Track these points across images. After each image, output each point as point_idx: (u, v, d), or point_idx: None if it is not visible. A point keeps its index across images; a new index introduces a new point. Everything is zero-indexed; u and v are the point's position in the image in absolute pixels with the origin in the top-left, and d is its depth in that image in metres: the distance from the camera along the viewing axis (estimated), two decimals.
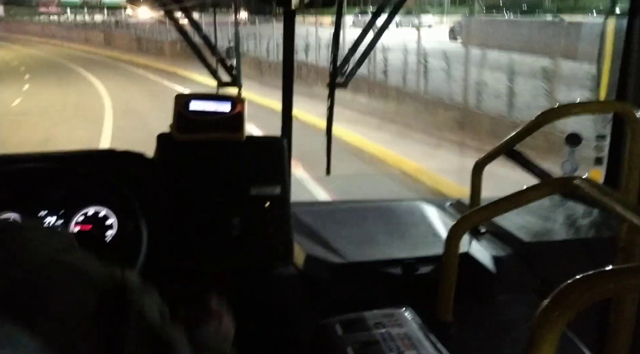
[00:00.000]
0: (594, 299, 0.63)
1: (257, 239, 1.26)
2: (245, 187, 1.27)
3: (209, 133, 1.24)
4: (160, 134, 1.26)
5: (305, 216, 1.50)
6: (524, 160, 1.35)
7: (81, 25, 32.88)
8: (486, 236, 1.47)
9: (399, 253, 1.32)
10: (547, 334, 0.64)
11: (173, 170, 1.25)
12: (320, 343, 1.05)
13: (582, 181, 0.98)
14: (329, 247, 1.34)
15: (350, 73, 1.78)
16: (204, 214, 1.24)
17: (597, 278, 0.64)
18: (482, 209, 1.16)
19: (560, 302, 0.64)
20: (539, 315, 0.64)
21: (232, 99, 1.27)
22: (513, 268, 1.34)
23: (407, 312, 1.11)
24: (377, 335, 1.02)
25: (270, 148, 1.31)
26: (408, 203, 1.63)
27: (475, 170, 1.47)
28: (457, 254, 1.12)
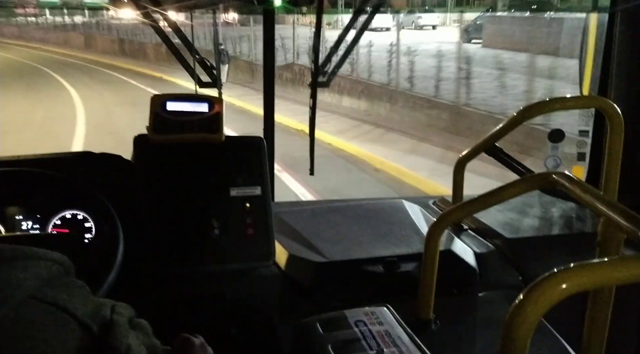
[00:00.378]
0: (567, 293, 0.63)
1: (238, 240, 1.25)
2: (225, 189, 1.26)
3: (187, 134, 1.23)
4: (137, 136, 1.25)
5: (288, 216, 1.50)
6: (504, 156, 1.35)
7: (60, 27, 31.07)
8: (469, 233, 1.47)
9: (381, 251, 1.31)
10: (521, 328, 0.64)
11: (151, 172, 1.23)
12: (300, 343, 1.04)
13: (560, 176, 0.98)
14: (311, 247, 1.34)
15: (332, 72, 1.78)
16: (184, 216, 1.23)
17: (570, 273, 0.64)
18: (462, 206, 1.16)
19: (534, 296, 0.64)
20: (513, 310, 0.64)
21: (209, 99, 1.26)
22: (495, 264, 1.34)
23: (387, 310, 1.11)
24: (358, 333, 1.02)
25: (249, 148, 1.30)
26: (391, 201, 1.63)
27: (457, 167, 1.47)
28: (437, 251, 1.12)
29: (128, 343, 0.55)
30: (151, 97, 1.24)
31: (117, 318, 0.56)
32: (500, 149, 1.37)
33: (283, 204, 1.71)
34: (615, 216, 0.81)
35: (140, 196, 1.22)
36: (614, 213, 0.82)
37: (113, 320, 0.55)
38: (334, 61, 1.79)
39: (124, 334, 0.55)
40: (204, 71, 1.66)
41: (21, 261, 0.53)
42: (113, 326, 0.54)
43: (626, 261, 0.66)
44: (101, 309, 0.55)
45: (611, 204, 0.84)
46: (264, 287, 1.25)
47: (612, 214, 0.82)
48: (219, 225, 1.24)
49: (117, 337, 0.54)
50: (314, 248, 1.33)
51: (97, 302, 0.56)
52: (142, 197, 1.22)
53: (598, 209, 0.85)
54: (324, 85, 1.78)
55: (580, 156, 1.83)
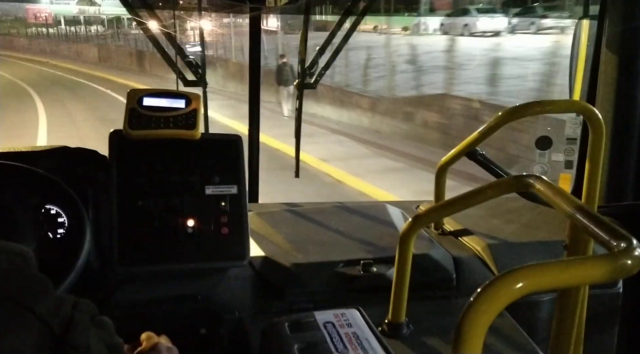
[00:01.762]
0: (524, 292, 0.61)
1: (211, 239, 1.23)
2: (200, 186, 1.25)
3: (163, 130, 1.22)
4: (113, 131, 1.24)
5: (267, 217, 1.49)
6: (484, 160, 1.34)
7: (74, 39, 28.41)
8: (449, 238, 1.45)
9: (357, 254, 1.30)
10: (474, 328, 0.62)
11: (126, 168, 1.22)
12: (267, 343, 1.02)
13: (531, 178, 0.96)
14: (287, 248, 1.32)
15: (319, 74, 1.77)
16: (157, 213, 1.22)
17: (527, 271, 0.63)
18: (435, 208, 1.14)
19: (489, 294, 0.62)
20: (466, 308, 0.62)
21: (186, 96, 1.25)
22: (474, 269, 1.32)
23: (358, 312, 1.09)
24: (325, 335, 1.00)
25: (226, 147, 1.29)
26: (372, 205, 1.61)
27: (438, 172, 1.46)
28: (410, 253, 1.10)
29: (88, 342, 0.54)
30: (128, 92, 1.24)
31: (78, 315, 0.55)
32: (481, 154, 1.36)
33: (264, 205, 1.69)
34: (582, 218, 0.79)
35: (114, 192, 1.21)
36: (581, 216, 0.80)
37: (74, 318, 0.54)
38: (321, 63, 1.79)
39: (84, 332, 0.54)
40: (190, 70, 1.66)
41: None
42: (73, 324, 0.53)
43: (586, 261, 0.65)
44: (62, 306, 0.54)
45: (579, 207, 0.82)
46: (236, 287, 1.24)
47: (579, 217, 0.80)
48: (193, 224, 1.23)
49: (77, 336, 0.53)
50: (290, 249, 1.31)
51: (58, 298, 0.54)
52: (116, 193, 1.21)
53: (566, 211, 0.83)
54: (311, 87, 1.78)
55: (567, 164, 1.82)
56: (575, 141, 1.77)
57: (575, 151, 1.76)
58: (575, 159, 1.74)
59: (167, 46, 1.55)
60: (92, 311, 0.57)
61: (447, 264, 1.30)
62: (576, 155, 1.76)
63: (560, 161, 1.82)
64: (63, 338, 0.51)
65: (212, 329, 1.17)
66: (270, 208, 1.65)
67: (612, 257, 0.63)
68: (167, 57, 1.60)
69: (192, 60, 1.63)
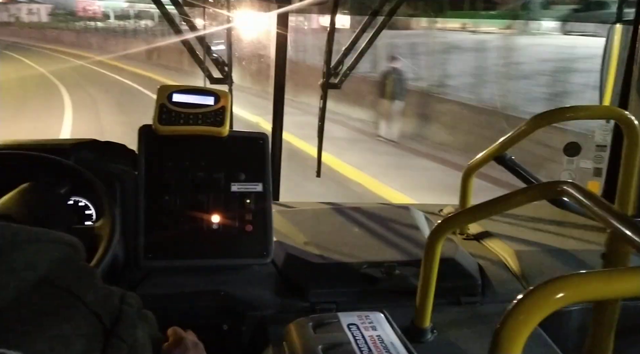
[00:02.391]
0: (565, 302, 0.60)
1: (236, 236, 1.23)
2: (226, 183, 1.25)
3: (191, 126, 1.22)
4: (142, 126, 1.25)
5: (290, 215, 1.48)
6: (513, 165, 1.31)
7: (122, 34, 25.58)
8: (475, 243, 1.43)
9: (381, 256, 1.28)
10: (513, 337, 0.61)
11: (154, 163, 1.23)
12: (291, 342, 1.01)
13: (567, 185, 0.94)
14: (310, 247, 1.32)
15: (345, 74, 1.76)
16: (183, 209, 1.22)
17: (569, 281, 0.61)
18: (464, 212, 1.12)
19: (529, 303, 0.60)
20: (506, 316, 0.61)
21: (215, 93, 1.25)
22: (500, 276, 1.30)
23: (383, 315, 1.07)
24: (349, 336, 0.99)
25: (253, 144, 1.29)
26: (397, 208, 1.60)
27: (465, 175, 1.44)
28: (437, 258, 1.09)
29: (135, 335, 0.55)
30: (158, 88, 1.24)
31: (126, 308, 0.55)
32: (510, 158, 1.33)
33: (287, 204, 1.69)
34: (623, 228, 0.77)
35: (142, 186, 1.22)
36: (622, 226, 0.78)
37: (122, 310, 0.54)
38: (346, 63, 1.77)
39: (132, 325, 0.55)
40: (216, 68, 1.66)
41: (35, 244, 0.53)
42: (122, 317, 0.54)
43: (630, 272, 0.62)
44: (111, 298, 0.55)
45: (619, 216, 0.80)
46: (259, 284, 1.23)
47: (620, 227, 0.78)
48: (218, 220, 1.23)
49: (125, 328, 0.53)
50: (313, 248, 1.31)
51: (107, 290, 0.55)
52: (143, 187, 1.21)
53: (605, 220, 0.81)
54: (335, 86, 1.77)
55: (596, 171, 1.77)
56: (605, 148, 1.73)
57: (604, 159, 1.72)
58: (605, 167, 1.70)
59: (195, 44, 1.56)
60: (139, 304, 0.58)
61: (473, 270, 1.27)
62: (605, 162, 1.72)
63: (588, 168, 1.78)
64: (112, 330, 0.51)
65: (234, 325, 1.17)
66: (289, 206, 1.65)
67: None
68: (194, 54, 1.60)
69: (218, 58, 1.63)
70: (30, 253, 0.51)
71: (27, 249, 0.51)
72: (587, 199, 0.86)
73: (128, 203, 1.22)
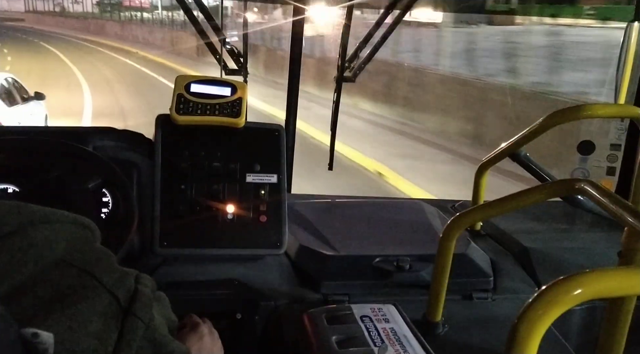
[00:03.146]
0: (583, 299, 0.60)
1: (250, 226, 1.25)
2: (241, 174, 1.26)
3: (208, 117, 1.23)
4: (160, 115, 1.26)
5: (303, 207, 1.49)
6: (528, 163, 1.31)
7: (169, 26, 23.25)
8: (487, 239, 1.43)
9: (394, 250, 1.29)
10: (530, 332, 0.61)
11: (170, 152, 1.24)
12: (304, 333, 1.03)
13: (584, 183, 0.94)
14: (323, 239, 1.33)
15: (359, 67, 1.76)
16: (199, 199, 1.24)
17: (588, 277, 0.61)
18: (478, 208, 1.13)
19: (547, 298, 0.61)
20: (523, 310, 0.61)
21: (233, 84, 1.26)
22: (511, 272, 1.30)
23: (395, 308, 1.08)
24: (362, 328, 1.00)
25: (269, 136, 1.30)
26: (409, 202, 1.60)
27: (478, 172, 1.44)
28: (451, 253, 1.09)
29: (151, 314, 0.56)
30: (176, 77, 1.25)
31: (142, 288, 0.56)
32: (526, 155, 1.33)
33: (300, 196, 1.70)
34: None
35: (158, 175, 1.23)
36: None
37: (138, 290, 0.55)
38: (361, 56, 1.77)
39: (148, 304, 0.55)
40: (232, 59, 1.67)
41: (53, 224, 0.53)
42: (138, 296, 0.54)
43: None
44: (126, 278, 0.55)
45: (638, 214, 0.80)
46: (272, 275, 1.25)
47: (638, 225, 0.78)
48: (233, 210, 1.24)
49: (141, 307, 0.54)
50: (326, 241, 1.32)
51: (123, 271, 0.56)
52: (159, 175, 1.23)
53: (622, 218, 0.81)
54: (350, 80, 1.77)
55: (610, 170, 1.77)
56: (619, 147, 1.73)
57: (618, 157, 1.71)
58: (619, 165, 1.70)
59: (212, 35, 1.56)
60: (153, 285, 0.59)
61: (485, 266, 1.28)
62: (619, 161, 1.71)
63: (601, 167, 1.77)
64: (129, 309, 0.52)
65: (247, 314, 1.18)
66: (304, 199, 1.66)
67: None
68: (210, 45, 1.61)
69: (234, 49, 1.64)
70: (48, 232, 0.52)
71: (45, 228, 0.52)
72: (603, 196, 0.87)
73: (144, 191, 1.23)
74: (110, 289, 0.52)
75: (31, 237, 0.50)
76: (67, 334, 0.46)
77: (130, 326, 0.51)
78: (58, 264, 0.50)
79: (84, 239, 0.55)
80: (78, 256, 0.52)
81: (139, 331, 0.52)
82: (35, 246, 0.50)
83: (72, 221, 0.55)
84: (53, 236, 0.52)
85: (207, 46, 1.60)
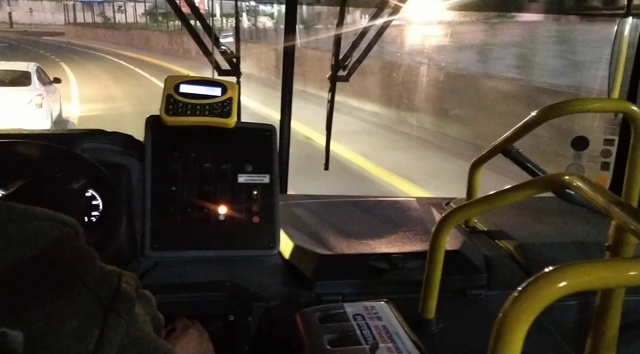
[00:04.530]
0: (569, 290, 0.60)
1: (243, 227, 1.25)
2: (233, 175, 1.26)
3: (198, 117, 1.23)
4: (150, 117, 1.26)
5: (296, 208, 1.49)
6: (520, 158, 1.31)
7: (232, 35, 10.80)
8: (480, 236, 1.43)
9: (387, 248, 1.29)
10: (516, 325, 0.61)
11: (161, 153, 1.24)
12: (297, 332, 1.03)
13: (572, 177, 0.94)
14: (317, 239, 1.33)
15: (353, 67, 1.76)
16: (190, 200, 1.24)
17: (574, 269, 0.61)
18: (469, 205, 1.13)
19: (532, 291, 0.61)
20: (509, 303, 0.62)
21: (223, 84, 1.26)
22: (505, 268, 1.30)
23: (387, 305, 1.08)
24: (355, 326, 1.00)
25: (260, 136, 1.30)
26: (402, 200, 1.60)
27: (472, 168, 1.44)
28: (443, 250, 1.09)
29: (134, 311, 0.56)
30: (165, 78, 1.25)
31: (124, 286, 0.56)
32: (518, 151, 1.33)
33: (293, 196, 1.70)
34: (629, 219, 0.77)
35: (149, 177, 1.23)
36: (628, 216, 0.78)
37: (120, 288, 0.55)
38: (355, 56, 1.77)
39: (130, 302, 0.55)
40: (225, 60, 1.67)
41: (32, 222, 0.53)
42: (120, 294, 0.54)
43: (634, 261, 0.63)
44: (108, 277, 0.55)
45: (625, 207, 0.80)
46: (266, 275, 1.25)
47: (625, 217, 0.78)
48: (225, 211, 1.24)
49: (123, 304, 0.54)
50: (320, 240, 1.32)
51: (105, 269, 0.56)
52: (150, 177, 1.23)
53: (610, 211, 0.81)
54: (344, 79, 1.77)
55: (604, 166, 1.77)
56: (613, 142, 1.73)
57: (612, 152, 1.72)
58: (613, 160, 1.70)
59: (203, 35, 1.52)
60: (136, 283, 0.59)
61: (478, 262, 1.28)
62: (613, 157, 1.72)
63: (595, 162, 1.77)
64: (110, 306, 0.52)
65: (240, 316, 1.18)
66: (299, 199, 1.66)
67: None
68: (202, 45, 1.61)
69: (227, 49, 1.64)
70: (27, 230, 0.52)
71: (24, 226, 0.52)
72: (592, 190, 0.87)
73: (135, 194, 1.23)
74: (91, 287, 0.52)
75: (9, 234, 0.50)
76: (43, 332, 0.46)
77: (111, 324, 0.51)
78: (39, 262, 0.50)
79: (66, 238, 0.55)
80: (59, 254, 0.52)
81: (120, 329, 0.52)
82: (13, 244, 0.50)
83: (52, 218, 0.55)
84: (33, 234, 0.52)
85: (200, 47, 1.60)
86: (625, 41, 1.76)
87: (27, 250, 0.50)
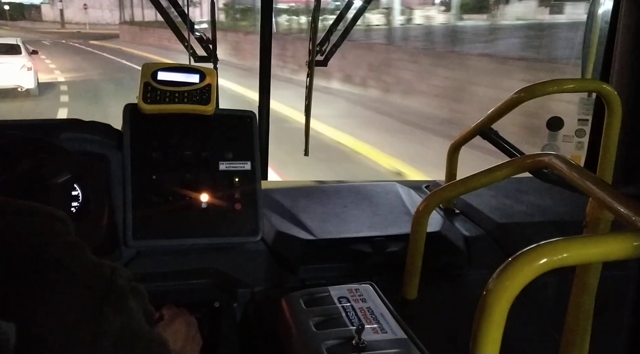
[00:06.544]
0: (548, 267, 0.62)
1: (225, 214, 1.24)
2: (214, 162, 1.25)
3: (176, 105, 1.21)
4: (127, 105, 1.23)
5: (278, 194, 1.49)
6: (498, 139, 1.33)
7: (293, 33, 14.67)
8: (460, 217, 1.46)
9: (369, 231, 1.30)
10: (498, 302, 0.63)
11: (140, 142, 1.22)
12: (282, 317, 1.04)
13: (549, 156, 0.96)
14: (299, 224, 1.33)
15: (330, 51, 1.75)
16: (171, 188, 1.22)
17: (552, 247, 0.63)
18: (449, 186, 1.14)
19: (513, 269, 0.63)
20: (491, 282, 0.63)
21: (201, 71, 1.24)
22: (484, 248, 1.33)
23: (372, 287, 1.10)
24: (340, 309, 1.02)
25: (241, 123, 1.29)
26: (382, 184, 1.61)
27: (450, 151, 1.46)
28: (424, 232, 1.11)
29: (129, 305, 0.55)
30: (142, 65, 1.23)
31: (117, 279, 0.55)
32: (495, 132, 1.35)
33: (274, 182, 1.70)
34: (605, 195, 0.79)
35: (128, 166, 1.21)
36: (603, 193, 0.80)
37: (114, 281, 0.55)
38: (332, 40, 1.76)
39: (124, 296, 0.55)
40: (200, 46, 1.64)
41: (24, 216, 0.53)
42: (114, 287, 0.54)
43: (609, 237, 0.65)
44: (101, 270, 0.55)
45: (601, 184, 0.82)
46: (249, 262, 1.25)
47: (601, 194, 0.80)
48: (207, 199, 1.23)
49: (118, 298, 0.54)
50: (303, 226, 1.32)
51: (97, 263, 0.55)
52: (129, 167, 1.21)
53: (587, 189, 0.83)
54: (322, 64, 1.76)
55: (579, 145, 1.81)
56: (587, 122, 1.76)
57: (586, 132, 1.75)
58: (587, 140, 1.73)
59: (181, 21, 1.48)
60: (129, 276, 0.58)
61: (459, 243, 1.30)
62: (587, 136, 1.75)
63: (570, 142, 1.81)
64: (105, 300, 0.52)
65: (225, 302, 1.18)
66: (280, 186, 1.66)
67: (635, 233, 0.63)
68: (177, 32, 1.58)
69: (202, 36, 1.61)
70: (17, 225, 0.51)
71: (13, 221, 0.51)
72: (569, 169, 0.89)
73: (115, 183, 1.22)
74: (85, 281, 0.51)
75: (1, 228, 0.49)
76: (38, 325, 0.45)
77: (107, 317, 0.51)
78: (29, 256, 0.50)
79: (56, 231, 0.54)
80: (50, 249, 0.51)
81: (116, 322, 0.52)
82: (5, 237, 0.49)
83: (44, 213, 0.54)
84: (24, 228, 0.51)
85: (175, 33, 1.57)
86: (598, 22, 1.79)
87: (18, 246, 0.49)
